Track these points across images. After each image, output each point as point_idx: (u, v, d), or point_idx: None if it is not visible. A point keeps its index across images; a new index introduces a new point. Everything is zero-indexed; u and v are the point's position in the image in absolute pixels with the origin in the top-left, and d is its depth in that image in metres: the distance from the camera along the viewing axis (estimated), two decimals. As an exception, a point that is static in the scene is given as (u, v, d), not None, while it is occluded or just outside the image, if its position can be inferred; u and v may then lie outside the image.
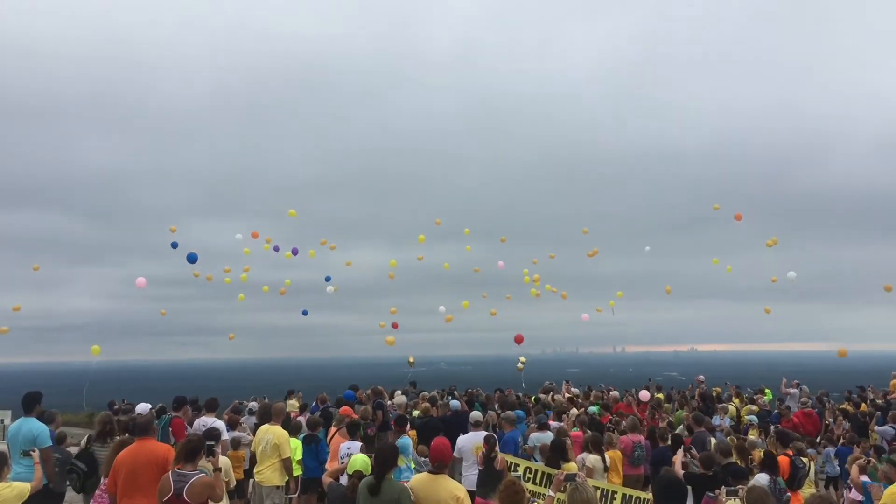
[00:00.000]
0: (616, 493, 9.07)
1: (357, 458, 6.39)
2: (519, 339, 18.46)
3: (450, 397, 15.75)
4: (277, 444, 9.28)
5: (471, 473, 9.48)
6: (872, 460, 10.22)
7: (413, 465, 9.52)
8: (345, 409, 11.58)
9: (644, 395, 16.51)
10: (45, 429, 8.55)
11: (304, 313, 24.31)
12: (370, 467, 6.33)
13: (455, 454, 9.54)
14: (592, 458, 9.92)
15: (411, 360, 22.99)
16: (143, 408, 12.62)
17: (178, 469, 6.16)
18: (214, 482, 6.30)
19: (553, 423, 12.31)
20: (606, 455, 10.12)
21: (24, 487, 6.59)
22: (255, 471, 9.42)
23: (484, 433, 9.79)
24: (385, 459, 5.84)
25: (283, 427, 10.68)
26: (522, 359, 22.55)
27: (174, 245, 22.47)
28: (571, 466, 9.28)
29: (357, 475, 6.18)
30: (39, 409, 8.84)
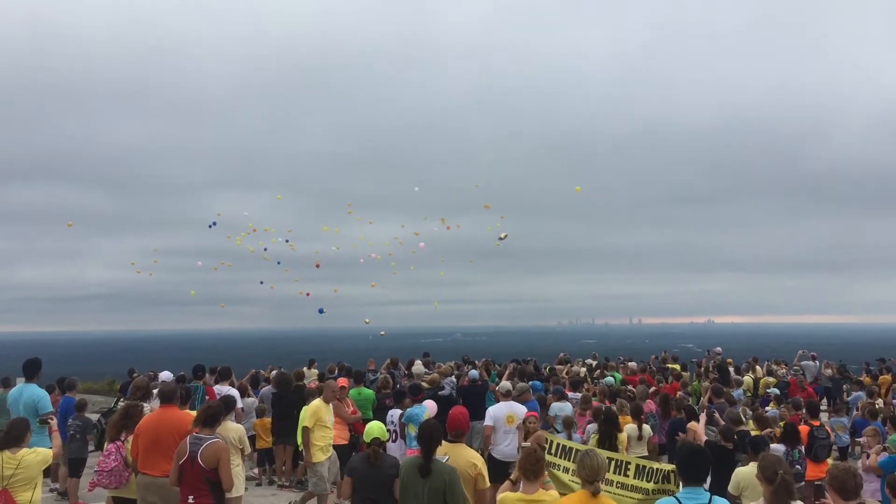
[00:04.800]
0: (630, 463, 8.99)
1: (373, 424, 6.37)
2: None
3: (469, 367, 15.80)
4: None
5: (503, 443, 9.56)
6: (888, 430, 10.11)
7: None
8: (341, 380, 11.69)
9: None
10: (45, 395, 8.55)
11: (321, 311, 24.51)
12: (386, 433, 6.33)
13: (488, 423, 9.65)
14: (629, 427, 10.05)
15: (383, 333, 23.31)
16: (165, 376, 12.77)
17: (195, 433, 6.26)
18: (228, 448, 6.37)
19: (570, 394, 12.32)
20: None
21: (48, 453, 6.64)
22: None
23: (514, 403, 9.89)
24: (431, 438, 5.60)
25: (297, 394, 10.95)
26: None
27: (212, 224, 23.12)
28: (623, 438, 9.36)
29: (376, 442, 6.12)
30: (40, 376, 8.83)
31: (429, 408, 9.84)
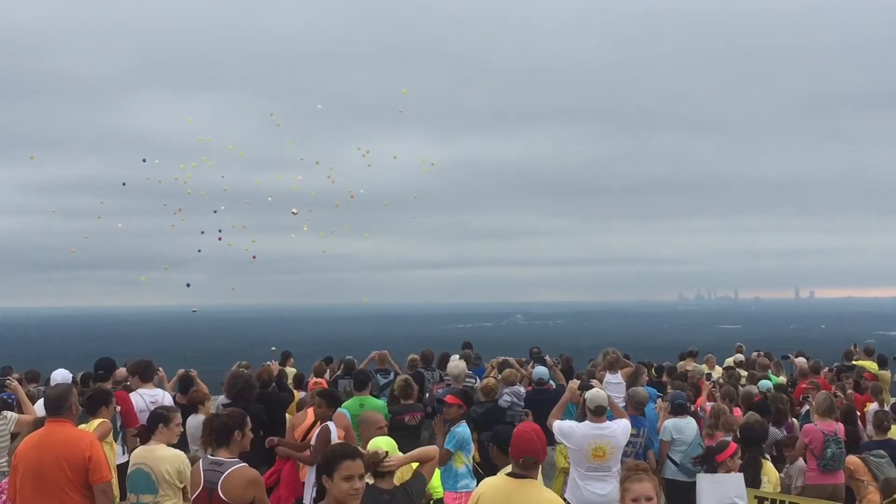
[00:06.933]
0: None
1: (380, 438, 6.54)
2: None
3: (533, 363, 15.81)
4: None
5: (587, 485, 9.54)
6: None
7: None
8: (318, 382, 11.78)
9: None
10: None
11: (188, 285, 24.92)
12: (395, 447, 6.45)
13: (560, 439, 9.71)
14: None
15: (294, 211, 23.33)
16: (60, 376, 12.93)
17: (210, 455, 6.40)
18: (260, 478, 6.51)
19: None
20: None
21: None
22: None
23: (612, 425, 9.71)
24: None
25: (268, 403, 11.38)
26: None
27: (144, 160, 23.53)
28: (771, 469, 9.65)
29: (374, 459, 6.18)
30: None
31: None
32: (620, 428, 9.72)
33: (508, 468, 6.32)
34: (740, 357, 19.66)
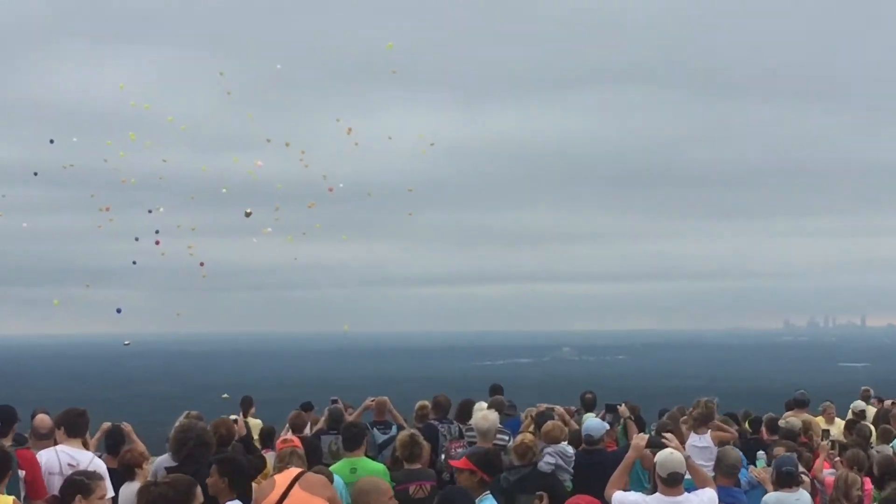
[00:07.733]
0: None
1: None
2: None
3: (584, 412, 15.72)
4: None
5: None
6: None
7: None
8: (281, 441, 11.78)
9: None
10: None
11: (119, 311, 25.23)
12: None
13: None
14: None
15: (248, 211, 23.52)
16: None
17: None
18: None
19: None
20: None
21: None
22: None
23: (696, 496, 9.54)
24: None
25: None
26: None
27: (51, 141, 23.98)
28: None
29: None
30: None
31: None
32: (703, 502, 9.51)
33: None
34: (862, 406, 19.55)
